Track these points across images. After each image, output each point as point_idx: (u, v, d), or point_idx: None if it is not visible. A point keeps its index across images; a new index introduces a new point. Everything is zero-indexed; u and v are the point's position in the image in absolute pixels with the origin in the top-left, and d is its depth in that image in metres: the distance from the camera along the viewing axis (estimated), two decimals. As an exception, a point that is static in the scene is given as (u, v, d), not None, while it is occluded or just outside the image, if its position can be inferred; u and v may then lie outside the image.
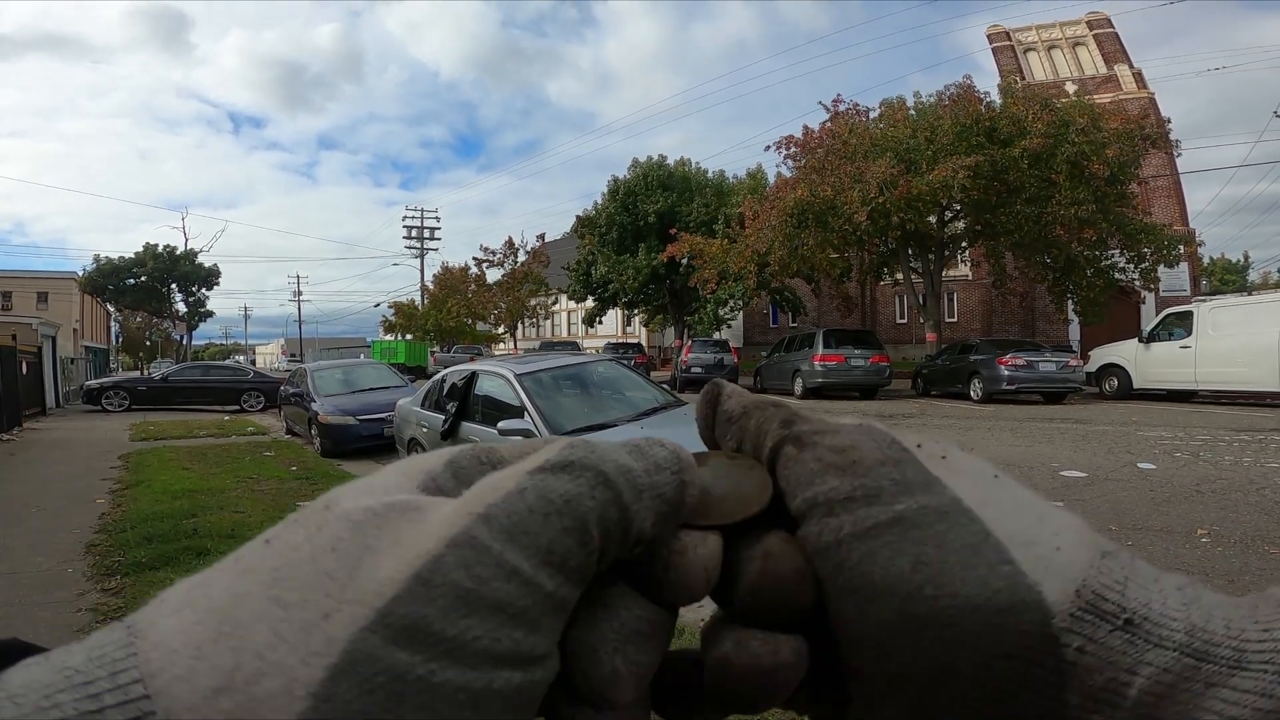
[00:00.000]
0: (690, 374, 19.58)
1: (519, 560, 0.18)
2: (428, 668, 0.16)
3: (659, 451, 0.22)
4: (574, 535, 0.19)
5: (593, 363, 6.51)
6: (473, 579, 0.17)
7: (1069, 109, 16.23)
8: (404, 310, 37.60)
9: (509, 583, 0.17)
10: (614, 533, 0.20)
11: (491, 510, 0.18)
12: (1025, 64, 28.34)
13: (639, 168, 28.14)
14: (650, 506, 0.21)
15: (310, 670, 0.15)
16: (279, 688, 0.15)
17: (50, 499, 6.59)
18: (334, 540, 0.18)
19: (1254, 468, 6.52)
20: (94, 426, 14.08)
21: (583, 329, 37.17)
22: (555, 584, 0.18)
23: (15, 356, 14.59)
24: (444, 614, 0.17)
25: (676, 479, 0.22)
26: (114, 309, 48.73)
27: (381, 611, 0.16)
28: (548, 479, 0.19)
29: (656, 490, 0.21)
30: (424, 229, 42.67)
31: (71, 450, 10.40)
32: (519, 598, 0.17)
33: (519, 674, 0.17)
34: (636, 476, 0.21)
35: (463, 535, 0.18)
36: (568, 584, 0.19)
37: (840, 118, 18.26)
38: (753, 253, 18.11)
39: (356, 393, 10.42)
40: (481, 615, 0.17)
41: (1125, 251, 16.64)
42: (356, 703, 0.15)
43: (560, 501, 0.19)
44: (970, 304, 27.90)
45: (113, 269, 42.87)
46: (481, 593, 0.17)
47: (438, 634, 0.16)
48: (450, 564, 0.17)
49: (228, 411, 17.17)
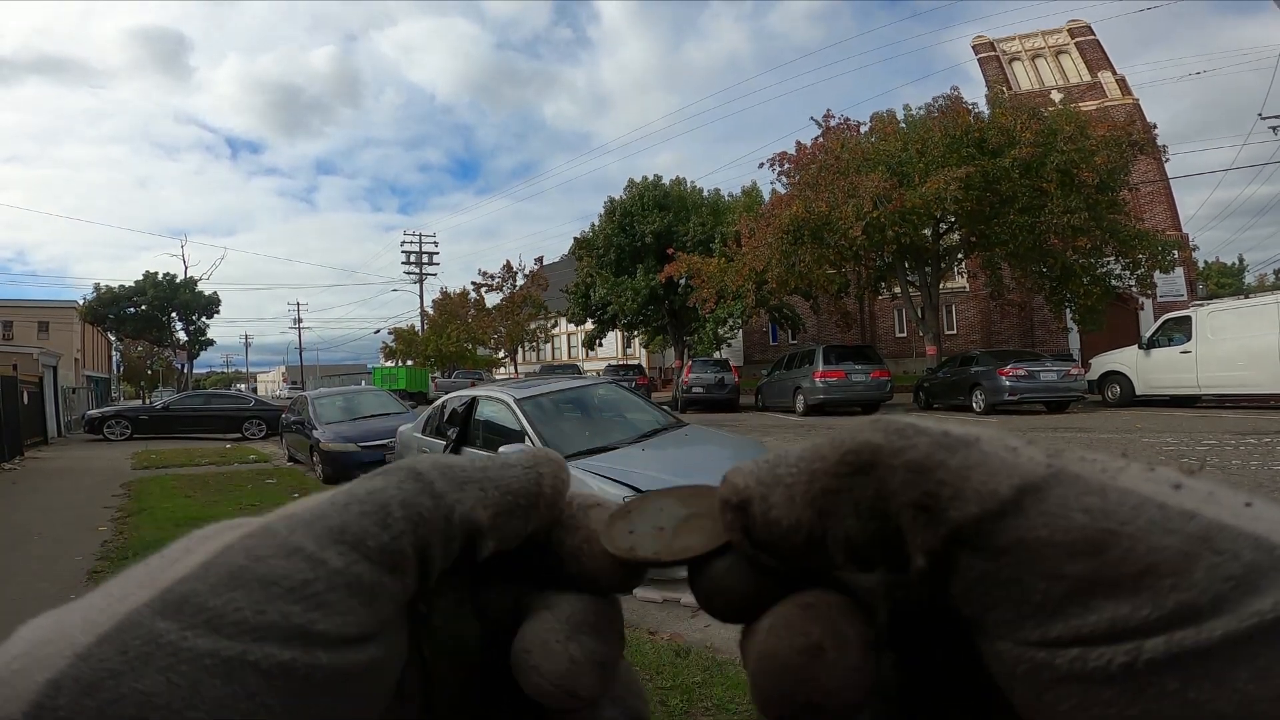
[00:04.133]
0: (691, 394, 19.58)
1: (303, 540, 0.18)
2: (181, 634, 0.16)
3: (514, 455, 0.23)
4: (372, 517, 0.19)
5: (593, 386, 6.52)
6: (249, 558, 0.18)
7: (1056, 117, 16.36)
8: (404, 336, 37.65)
9: (287, 559, 0.18)
10: (429, 518, 0.20)
11: (296, 508, 0.19)
12: (1011, 74, 28.60)
13: (635, 188, 28.37)
14: (478, 497, 0.21)
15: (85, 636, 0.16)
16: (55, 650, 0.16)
17: (52, 526, 6.58)
18: (173, 549, 0.19)
19: (1262, 471, 6.50)
20: (96, 455, 14.04)
21: (583, 351, 37.22)
22: (345, 561, 0.18)
23: (17, 386, 14.66)
24: (212, 589, 0.17)
25: (530, 473, 0.23)
26: (115, 338, 48.83)
27: (162, 590, 0.17)
28: (363, 480, 0.20)
29: (494, 483, 0.22)
30: (422, 254, 42.88)
31: (73, 478, 10.38)
32: (296, 572, 0.18)
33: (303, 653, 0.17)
34: (458, 470, 0.22)
35: (259, 527, 0.19)
36: (364, 561, 0.19)
37: (832, 132, 18.47)
38: (750, 271, 18.18)
39: (358, 420, 10.49)
40: (249, 589, 0.17)
41: (1120, 258, 16.71)
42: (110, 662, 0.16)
43: (363, 493, 0.20)
44: (969, 316, 27.96)
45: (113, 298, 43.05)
46: (254, 569, 0.17)
47: (199, 605, 0.17)
48: (235, 549, 0.18)
49: (229, 439, 17.16)
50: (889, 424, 0.19)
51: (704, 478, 1.60)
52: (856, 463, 0.18)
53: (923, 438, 0.18)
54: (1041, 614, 0.16)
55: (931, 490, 0.17)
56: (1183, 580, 0.15)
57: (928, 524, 0.17)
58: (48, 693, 0.15)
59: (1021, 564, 0.16)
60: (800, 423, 14.73)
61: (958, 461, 0.17)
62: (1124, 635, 0.15)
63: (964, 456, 0.17)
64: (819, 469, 0.19)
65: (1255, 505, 0.16)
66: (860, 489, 0.18)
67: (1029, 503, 0.16)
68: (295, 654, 0.17)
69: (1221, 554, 0.15)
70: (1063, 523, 0.16)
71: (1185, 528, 0.15)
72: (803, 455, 0.20)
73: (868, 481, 0.18)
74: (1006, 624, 0.17)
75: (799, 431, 12.67)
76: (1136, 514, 0.16)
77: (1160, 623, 0.15)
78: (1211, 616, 0.14)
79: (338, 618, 0.18)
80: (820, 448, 0.19)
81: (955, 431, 0.18)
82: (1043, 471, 0.17)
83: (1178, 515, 0.16)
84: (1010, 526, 0.16)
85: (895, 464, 0.18)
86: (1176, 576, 0.15)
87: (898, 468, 0.18)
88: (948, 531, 0.17)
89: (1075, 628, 0.16)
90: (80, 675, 0.15)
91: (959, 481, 0.17)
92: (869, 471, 0.18)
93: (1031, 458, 0.17)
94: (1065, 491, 0.16)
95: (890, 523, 0.18)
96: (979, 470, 0.17)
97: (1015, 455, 0.17)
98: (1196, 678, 0.14)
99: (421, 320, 38.89)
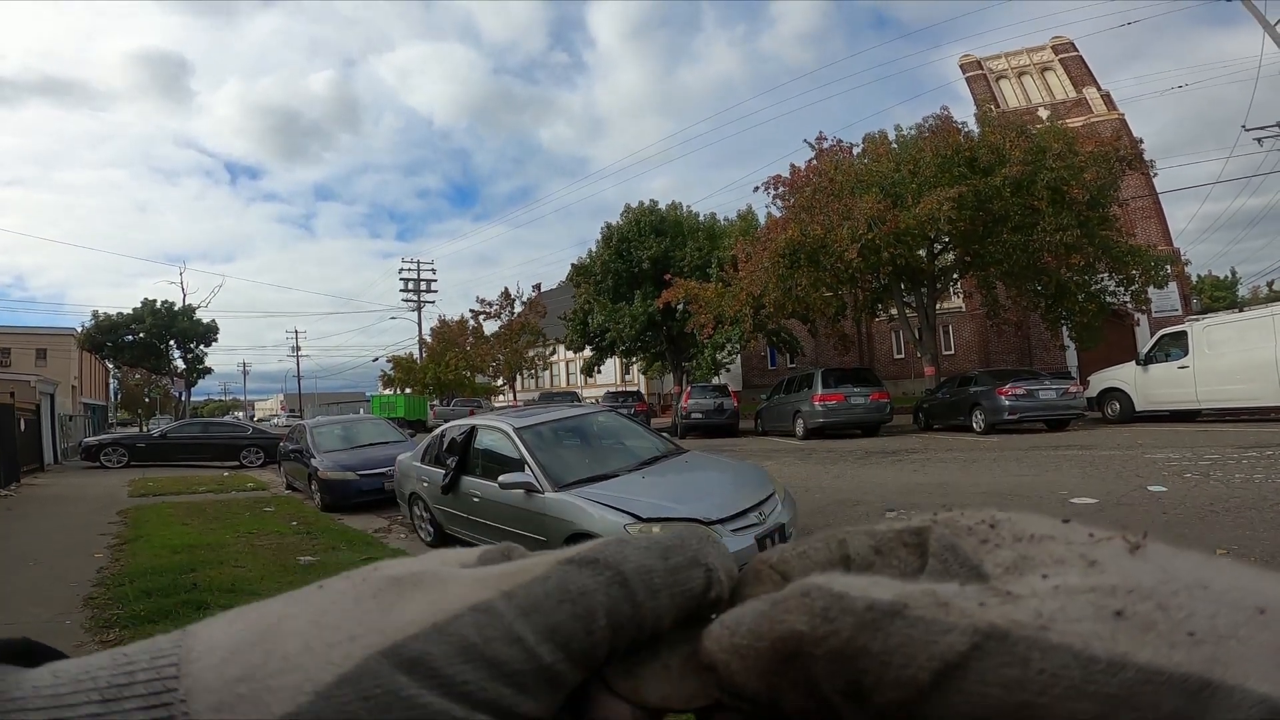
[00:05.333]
0: (691, 419, 19.52)
1: (525, 631, 0.20)
2: (417, 691, 0.19)
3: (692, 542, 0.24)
4: (581, 622, 0.21)
5: (592, 414, 6.50)
6: (480, 637, 0.20)
7: (1044, 135, 16.50)
8: (402, 364, 37.64)
9: (510, 647, 0.20)
10: (626, 626, 0.22)
11: (514, 589, 0.21)
12: (999, 92, 28.90)
13: (631, 213, 28.58)
14: (668, 606, 0.23)
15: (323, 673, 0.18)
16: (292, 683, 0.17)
17: (48, 553, 6.49)
18: (375, 589, 0.21)
19: (1266, 484, 6.47)
20: (92, 482, 13.91)
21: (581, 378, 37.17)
22: (554, 658, 0.21)
23: (14, 414, 14.59)
24: (446, 656, 0.19)
25: (712, 576, 0.24)
26: (112, 365, 48.72)
27: (397, 643, 0.19)
28: (570, 570, 0.22)
29: (681, 588, 0.23)
30: (420, 281, 43.05)
31: (70, 505, 10.28)
32: (515, 660, 0.20)
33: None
34: (654, 576, 0.22)
35: (483, 603, 0.21)
36: (566, 661, 0.21)
37: (825, 154, 18.59)
38: (747, 295, 18.22)
39: (356, 448, 10.46)
40: (477, 665, 0.20)
41: (1114, 275, 16.80)
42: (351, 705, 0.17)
43: (576, 592, 0.21)
44: (966, 336, 28.05)
45: (111, 325, 42.97)
46: (483, 649, 0.20)
47: (435, 670, 0.19)
48: (465, 622, 0.20)
49: (227, 467, 17.02)
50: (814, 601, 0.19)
51: (705, 505, 1.63)
52: (784, 651, 0.20)
53: (846, 619, 0.18)
54: None
55: (854, 679, 0.18)
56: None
57: (858, 708, 0.19)
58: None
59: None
60: (801, 446, 14.65)
61: (879, 645, 0.18)
62: None
63: (885, 639, 0.18)
64: (761, 649, 0.20)
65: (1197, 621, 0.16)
66: (794, 672, 0.20)
67: (948, 684, 0.17)
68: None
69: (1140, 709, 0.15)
70: (980, 700, 0.17)
71: (1106, 687, 0.15)
72: (755, 626, 0.21)
73: (797, 668, 0.19)
74: None
75: (799, 455, 12.61)
76: (1055, 681, 0.16)
77: None
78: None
79: (533, 702, 0.20)
80: (761, 622, 0.20)
81: (882, 602, 0.18)
82: (965, 645, 0.17)
83: (1104, 669, 0.16)
84: (932, 707, 0.17)
85: (818, 653, 0.19)
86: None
87: (820, 657, 0.19)
88: (876, 713, 0.18)
89: None
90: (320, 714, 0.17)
91: (880, 670, 0.18)
92: (795, 660, 0.19)
93: (959, 621, 0.17)
94: (985, 665, 0.17)
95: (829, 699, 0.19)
96: (900, 654, 0.17)
97: (946, 617, 0.18)
98: None
99: (420, 348, 38.92)
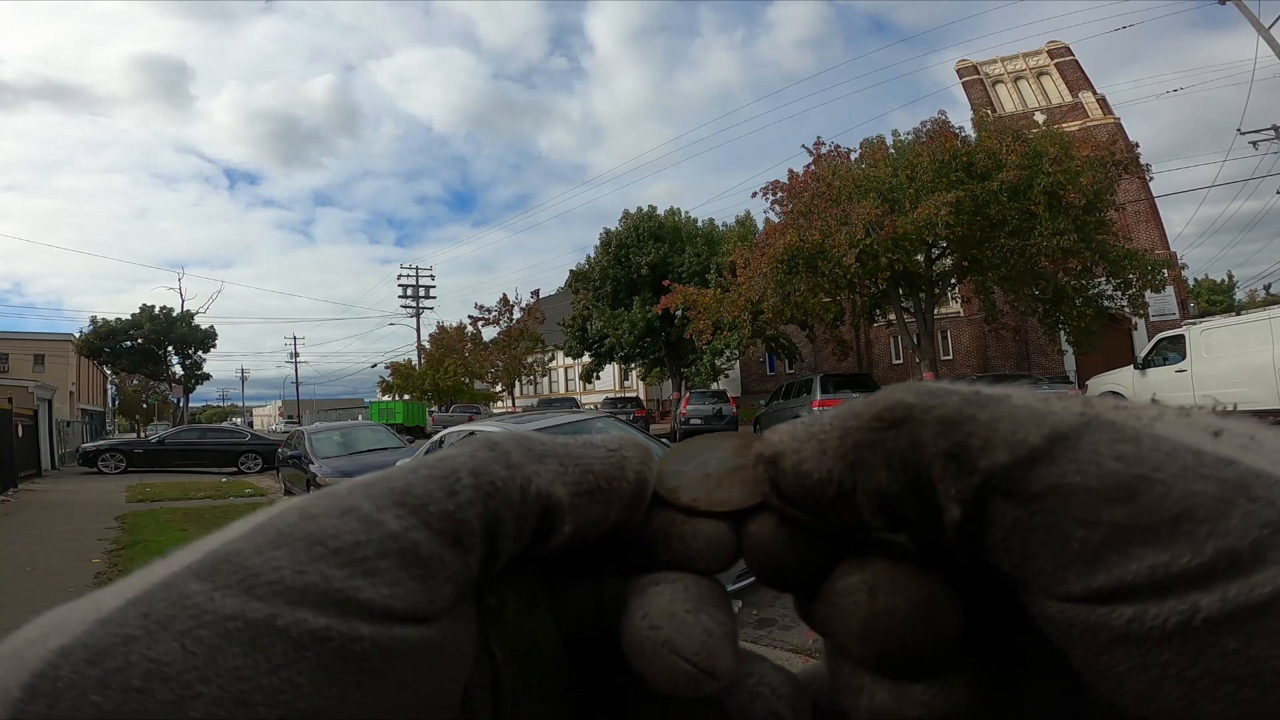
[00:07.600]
0: (690, 425, 19.59)
1: (361, 500, 0.17)
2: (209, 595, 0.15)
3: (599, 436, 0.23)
4: (438, 482, 0.18)
5: (590, 420, 6.54)
6: (302, 516, 0.17)
7: (1040, 139, 16.56)
8: (401, 371, 37.62)
9: (340, 518, 0.17)
10: (502, 489, 0.19)
11: (372, 475, 0.18)
12: (995, 96, 28.99)
13: (630, 219, 28.66)
14: (557, 472, 0.20)
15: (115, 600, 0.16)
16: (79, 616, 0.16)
17: (45, 559, 6.49)
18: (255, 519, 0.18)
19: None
20: (90, 488, 13.92)
21: (580, 384, 37.17)
22: (402, 525, 0.17)
23: (11, 419, 14.60)
24: (255, 548, 0.16)
25: (614, 455, 0.22)
26: (111, 371, 48.64)
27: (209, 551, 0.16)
28: (442, 450, 0.20)
29: (575, 460, 0.21)
30: (419, 288, 43.11)
31: (67, 511, 10.27)
32: (346, 532, 0.16)
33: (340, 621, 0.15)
34: (537, 443, 0.21)
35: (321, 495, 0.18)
36: (423, 529, 0.17)
37: (823, 160, 18.66)
38: (746, 301, 18.23)
39: (355, 454, 10.49)
40: (293, 547, 0.16)
41: (1111, 279, 16.86)
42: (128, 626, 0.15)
43: (434, 459, 0.19)
44: (964, 341, 28.10)
45: (109, 331, 42.95)
46: (303, 527, 0.16)
47: (238, 565, 0.16)
48: (292, 509, 0.17)
49: (225, 473, 17.02)
50: (921, 385, 0.19)
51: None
52: (890, 419, 0.19)
53: (953, 396, 0.18)
54: (1080, 563, 0.16)
55: (962, 440, 0.17)
56: (1219, 526, 0.15)
57: (959, 473, 0.17)
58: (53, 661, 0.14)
59: (1055, 511, 0.16)
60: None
61: (988, 415, 0.18)
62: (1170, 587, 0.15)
63: (994, 410, 0.18)
64: (852, 425, 0.19)
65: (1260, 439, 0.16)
66: (892, 441, 0.19)
67: (1060, 450, 0.16)
68: (331, 621, 0.15)
69: (1257, 500, 0.15)
70: (1094, 469, 0.16)
71: (1221, 474, 0.15)
72: (837, 413, 0.20)
73: (900, 435, 0.18)
74: (1048, 575, 0.17)
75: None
76: (1170, 460, 0.16)
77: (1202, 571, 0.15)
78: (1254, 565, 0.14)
79: (385, 588, 0.16)
80: (854, 406, 0.20)
81: (987, 390, 0.19)
82: (1074, 420, 0.17)
83: (1214, 461, 0.16)
84: (1041, 473, 0.17)
85: (927, 419, 0.18)
86: (1212, 523, 0.15)
87: (929, 422, 0.18)
88: (980, 480, 0.17)
89: (1117, 577, 0.16)
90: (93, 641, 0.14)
91: (988, 432, 0.17)
92: (901, 426, 0.18)
93: (1065, 408, 0.17)
94: (1097, 438, 0.16)
95: (922, 474, 0.18)
96: (1008, 421, 0.17)
97: (1047, 406, 0.18)
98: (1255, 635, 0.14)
99: (418, 354, 38.92)
